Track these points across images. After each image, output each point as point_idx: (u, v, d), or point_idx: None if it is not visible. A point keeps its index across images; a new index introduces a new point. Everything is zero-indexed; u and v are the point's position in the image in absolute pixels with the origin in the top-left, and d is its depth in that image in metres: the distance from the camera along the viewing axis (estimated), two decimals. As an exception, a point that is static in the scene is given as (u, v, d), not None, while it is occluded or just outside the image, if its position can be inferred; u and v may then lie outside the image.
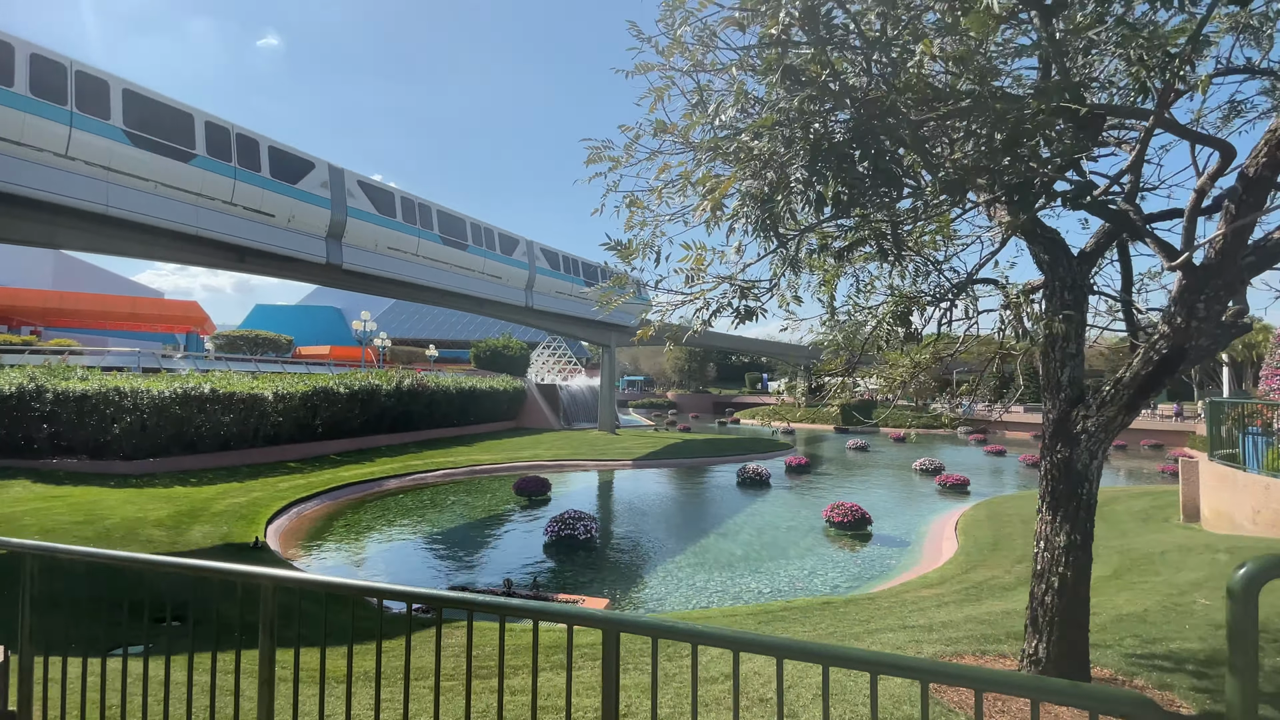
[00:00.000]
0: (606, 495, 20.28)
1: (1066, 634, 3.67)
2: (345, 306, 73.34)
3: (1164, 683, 4.16)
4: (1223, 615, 5.85)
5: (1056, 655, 3.67)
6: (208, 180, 16.54)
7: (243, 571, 2.76)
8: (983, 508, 16.19)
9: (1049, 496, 3.76)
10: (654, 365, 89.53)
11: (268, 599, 2.71)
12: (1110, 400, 3.51)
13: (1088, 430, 3.60)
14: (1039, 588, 3.75)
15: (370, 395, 24.57)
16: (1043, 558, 3.76)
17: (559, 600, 9.28)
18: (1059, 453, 3.71)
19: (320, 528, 14.22)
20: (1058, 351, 3.78)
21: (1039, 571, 3.77)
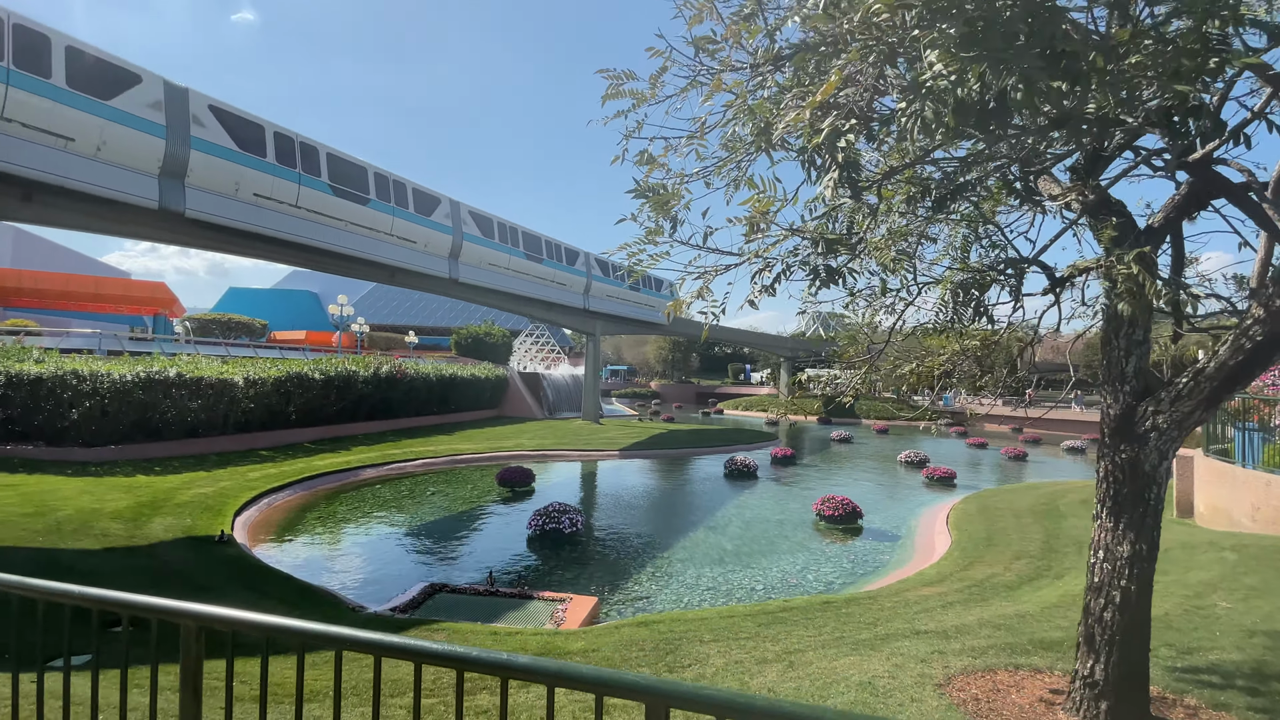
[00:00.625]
0: (592, 486, 19.83)
1: (1128, 654, 3.29)
2: (322, 290, 71.67)
3: (1218, 701, 3.82)
4: (1249, 619, 5.56)
5: (1116, 678, 3.29)
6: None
7: (161, 607, 2.20)
8: (972, 501, 16.03)
9: (1110, 501, 3.36)
10: (637, 355, 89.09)
11: (190, 643, 2.15)
12: (1188, 394, 3.12)
13: (1158, 427, 3.20)
14: (1096, 603, 3.36)
15: (347, 382, 23.77)
16: (1102, 569, 3.36)
17: (545, 597, 8.82)
18: (1123, 452, 3.31)
19: (292, 520, 13.57)
20: (1122, 338, 3.37)
21: (1096, 585, 3.38)
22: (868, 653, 5.10)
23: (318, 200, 19.62)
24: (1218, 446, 12.05)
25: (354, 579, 10.19)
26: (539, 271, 30.33)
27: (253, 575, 8.91)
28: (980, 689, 3.82)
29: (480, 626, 7.19)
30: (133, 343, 29.80)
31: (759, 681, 4.50)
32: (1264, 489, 9.45)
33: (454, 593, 8.97)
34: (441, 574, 10.58)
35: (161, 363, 18.10)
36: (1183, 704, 3.75)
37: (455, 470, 20.71)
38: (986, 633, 5.68)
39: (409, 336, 50.19)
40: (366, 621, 7.37)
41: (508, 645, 6.28)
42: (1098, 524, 3.43)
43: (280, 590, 8.33)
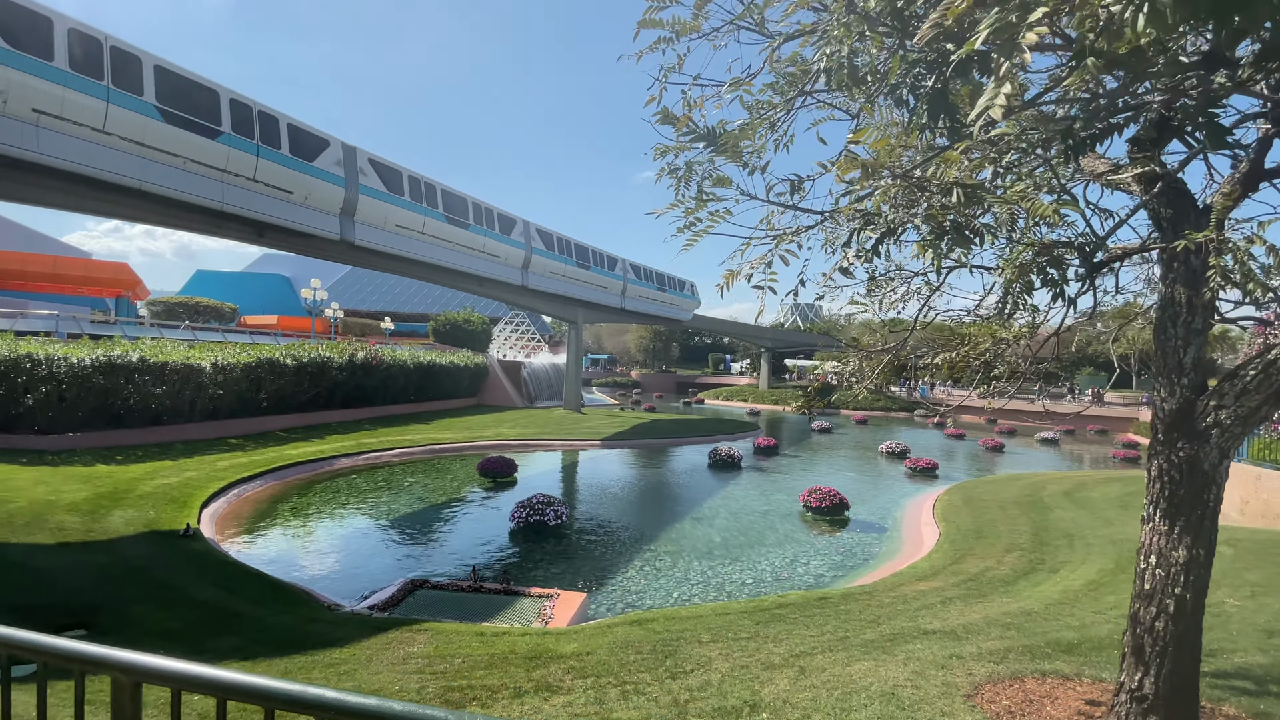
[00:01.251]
0: (576, 477, 19.47)
1: (1180, 666, 3.06)
2: (294, 274, 69.85)
3: (1258, 710, 3.63)
4: (1262, 618, 5.41)
5: (1167, 691, 3.06)
6: None
7: (86, 656, 1.77)
8: (956, 492, 16.02)
9: (1164, 503, 3.12)
10: (617, 344, 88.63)
11: (123, 703, 1.73)
12: (1256, 387, 2.87)
13: (1220, 423, 2.96)
14: (1147, 611, 3.13)
15: (320, 368, 23.01)
16: (1154, 575, 3.12)
17: (532, 593, 8.47)
18: (1180, 450, 3.06)
19: (263, 511, 13.00)
20: (1180, 326, 3.11)
21: (1147, 592, 3.14)
22: (880, 656, 4.86)
23: (173, 139, 15.61)
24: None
25: (329, 574, 9.73)
26: (464, 239, 26.02)
27: (221, 572, 8.41)
28: (1011, 700, 3.59)
29: (465, 626, 6.82)
30: (94, 326, 28.56)
31: (770, 691, 4.22)
32: (1254, 482, 9.47)
33: (435, 589, 8.58)
34: (422, 569, 10.17)
35: (123, 347, 17.24)
36: (1222, 713, 3.56)
37: (434, 460, 20.20)
38: (997, 633, 5.48)
39: (384, 323, 49.08)
40: (344, 621, 6.95)
41: (495, 646, 5.93)
42: (1149, 527, 3.19)
43: (251, 588, 7.86)
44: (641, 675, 4.88)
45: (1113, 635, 5.15)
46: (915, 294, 4.08)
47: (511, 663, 5.40)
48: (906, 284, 4.17)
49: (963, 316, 4.32)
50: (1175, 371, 3.13)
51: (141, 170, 14.97)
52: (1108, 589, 7.00)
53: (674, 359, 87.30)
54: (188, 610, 6.75)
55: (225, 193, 17.06)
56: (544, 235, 30.44)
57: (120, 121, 14.38)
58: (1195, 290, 3.10)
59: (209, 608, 6.90)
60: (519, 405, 35.62)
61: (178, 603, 6.97)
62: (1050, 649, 4.76)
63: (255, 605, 7.18)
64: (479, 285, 29.05)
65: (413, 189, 24.11)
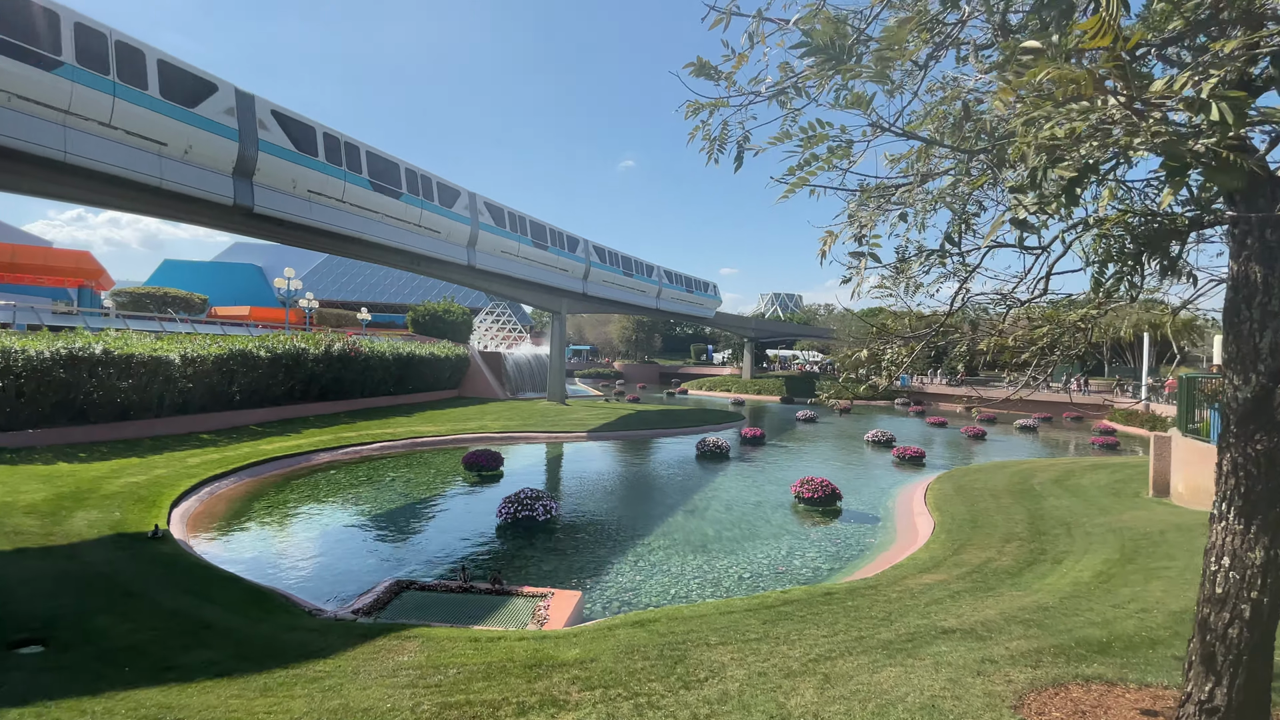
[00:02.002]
0: (563, 470, 19.10)
1: (1254, 675, 2.83)
2: (267, 264, 68.11)
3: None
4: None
5: (1240, 703, 2.83)
6: None
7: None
8: (946, 481, 15.98)
9: (1239, 500, 2.87)
10: (599, 334, 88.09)
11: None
12: (1347, 373, 2.62)
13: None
14: (1219, 617, 2.88)
15: (296, 360, 22.28)
16: (1228, 579, 2.87)
17: (525, 593, 8.13)
18: (1257, 443, 2.81)
19: (238, 510, 12.43)
20: (1255, 309, 2.85)
21: (1219, 596, 2.89)
22: (906, 661, 4.60)
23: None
24: (1193, 426, 12.16)
25: (310, 576, 9.27)
26: (396, 211, 23.17)
27: (192, 577, 7.91)
28: (1061, 711, 3.35)
29: (457, 631, 6.45)
30: (55, 317, 27.35)
31: (797, 703, 3.93)
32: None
33: (423, 590, 8.18)
34: (407, 569, 9.75)
35: (86, 338, 16.41)
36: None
37: (416, 453, 19.68)
38: (1019, 631, 5.27)
39: (361, 313, 47.99)
40: (327, 628, 6.54)
41: (492, 654, 5.57)
42: (1220, 526, 2.94)
43: (225, 594, 7.39)
44: (653, 685, 4.57)
45: (1141, 633, 4.96)
46: (954, 275, 3.78)
47: (511, 672, 5.06)
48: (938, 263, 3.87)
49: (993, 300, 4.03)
50: (1250, 358, 2.87)
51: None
52: (1119, 581, 6.85)
53: (656, 349, 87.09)
54: (156, 621, 6.28)
55: (69, 140, 13.79)
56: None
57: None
58: (1271, 268, 2.84)
59: (179, 617, 6.44)
60: (501, 397, 35.07)
61: (145, 612, 6.49)
62: (1083, 650, 4.55)
63: (230, 613, 6.73)
64: (413, 263, 26.03)
65: (329, 149, 20.32)
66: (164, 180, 15.89)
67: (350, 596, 8.26)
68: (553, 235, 33.80)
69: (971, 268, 3.85)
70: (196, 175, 16.59)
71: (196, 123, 16.22)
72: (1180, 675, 4.02)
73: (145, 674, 5.05)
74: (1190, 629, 5.10)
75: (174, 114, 15.82)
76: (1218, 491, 2.99)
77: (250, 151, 17.74)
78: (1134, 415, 38.54)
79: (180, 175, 16.15)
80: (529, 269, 32.11)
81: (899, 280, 4.04)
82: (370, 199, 22.04)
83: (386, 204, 22.62)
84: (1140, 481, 13.87)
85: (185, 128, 15.98)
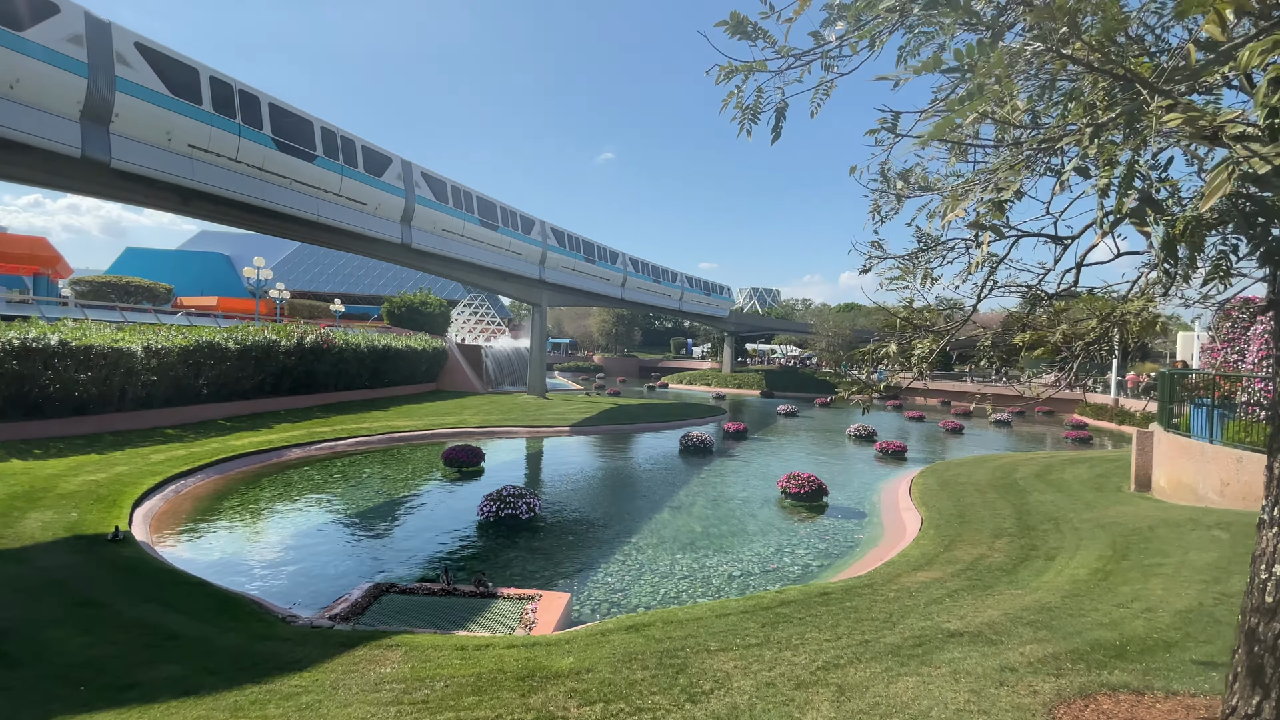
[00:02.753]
0: (546, 466, 18.75)
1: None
2: (235, 253, 66.15)
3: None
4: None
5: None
6: None
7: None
8: (930, 475, 16.01)
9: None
10: (579, 328, 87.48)
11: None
12: None
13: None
14: (1269, 628, 2.71)
15: (266, 352, 21.53)
16: (1279, 588, 2.70)
17: (511, 595, 7.82)
18: (1316, 446, 2.63)
19: (205, 509, 11.88)
20: (1315, 303, 2.67)
21: (1269, 606, 2.72)
22: (919, 668, 4.41)
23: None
24: (1174, 421, 12.28)
25: (283, 580, 8.83)
26: (305, 173, 19.53)
27: (156, 583, 7.44)
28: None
29: (442, 638, 6.12)
30: (8, 306, 26.09)
31: (813, 719, 3.70)
32: (1235, 465, 9.52)
33: (404, 593, 7.83)
34: (386, 570, 9.36)
35: (41, 329, 15.58)
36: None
37: (393, 449, 19.16)
38: (1029, 634, 5.12)
39: (334, 304, 46.86)
40: (302, 636, 6.16)
41: (481, 664, 5.26)
42: (1272, 532, 2.77)
43: (191, 601, 6.95)
44: (656, 699, 4.31)
45: (1152, 635, 4.85)
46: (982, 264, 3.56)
47: (502, 685, 4.76)
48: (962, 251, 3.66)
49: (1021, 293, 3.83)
50: (1309, 354, 2.69)
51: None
52: (1118, 579, 6.79)
53: (636, 343, 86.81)
54: (117, 632, 5.84)
55: None
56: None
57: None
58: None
59: (142, 627, 6.00)
60: (480, 391, 34.49)
61: (105, 623, 6.04)
62: (1100, 655, 4.41)
63: (198, 622, 6.31)
64: (334, 239, 22.61)
65: (219, 99, 16.93)
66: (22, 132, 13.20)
67: (327, 601, 7.87)
68: (504, 215, 30.56)
69: (1000, 258, 3.65)
70: (28, 117, 13.45)
71: (28, 50, 13.24)
72: (1203, 681, 3.90)
73: (104, 694, 4.64)
74: (1200, 630, 5.02)
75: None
76: (1268, 496, 2.82)
77: (104, 92, 14.60)
78: (1104, 409, 39.45)
79: (5, 116, 13.15)
80: (475, 250, 28.54)
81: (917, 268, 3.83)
82: (275, 160, 18.68)
83: (297, 167, 19.07)
84: (1121, 475, 14.02)
85: (12, 55, 13.03)
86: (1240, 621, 2.87)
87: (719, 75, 2.28)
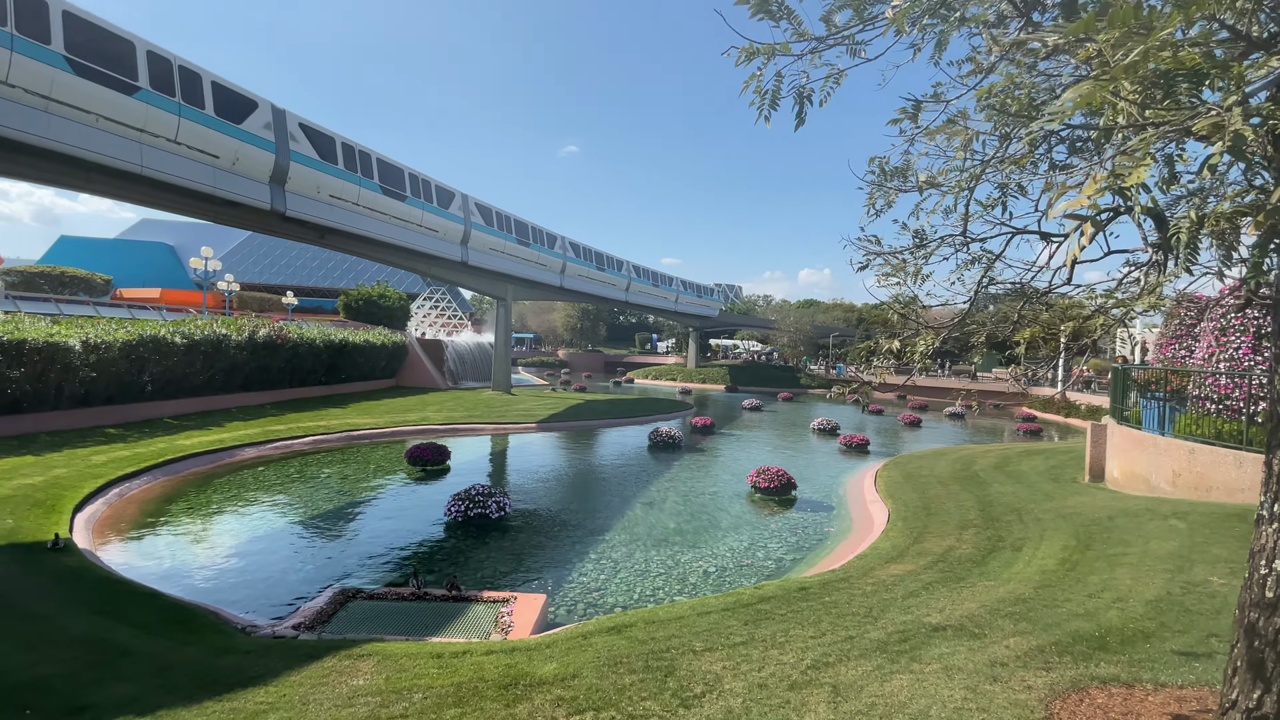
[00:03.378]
0: (515, 463, 18.42)
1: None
2: (180, 243, 63.16)
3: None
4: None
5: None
6: None
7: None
8: (894, 468, 16.33)
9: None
10: (543, 322, 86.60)
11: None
12: None
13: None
14: (1269, 624, 2.75)
15: (216, 347, 20.56)
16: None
17: (485, 598, 7.60)
18: (1315, 442, 2.68)
19: (153, 513, 11.24)
20: (1314, 301, 2.71)
21: (1269, 601, 2.76)
22: (910, 665, 4.41)
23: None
24: (1126, 414, 12.77)
25: (241, 587, 8.40)
26: (129, 113, 15.47)
27: (103, 593, 6.96)
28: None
29: (415, 646, 5.88)
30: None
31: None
32: (1187, 456, 9.95)
33: (372, 599, 7.53)
34: (352, 575, 9.00)
35: (-36, 322, 14.50)
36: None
37: (352, 448, 18.54)
38: (1009, 626, 5.20)
39: (287, 297, 45.11)
40: (265, 648, 5.83)
41: (460, 672, 5.06)
42: (1272, 528, 2.81)
43: (143, 612, 6.51)
44: (647, 705, 4.20)
45: (1128, 625, 4.97)
46: (979, 261, 3.55)
47: (484, 695, 4.58)
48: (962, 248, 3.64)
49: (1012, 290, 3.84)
50: (1307, 351, 2.73)
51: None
52: (1085, 569, 6.98)
53: (601, 338, 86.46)
54: (63, 648, 5.41)
55: None
56: (317, 138, 18.80)
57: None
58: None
59: (91, 643, 5.58)
60: (442, 387, 33.76)
61: (49, 639, 5.60)
62: (1083, 646, 4.48)
63: (151, 636, 5.90)
64: (180, 199, 18.30)
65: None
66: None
67: (289, 610, 7.51)
68: (414, 183, 26.38)
69: (995, 254, 3.64)
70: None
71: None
72: (1187, 672, 3.99)
73: (52, 717, 4.28)
74: (1173, 619, 5.17)
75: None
76: (1266, 492, 2.87)
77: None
78: (1051, 403, 41.14)
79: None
80: (374, 224, 24.35)
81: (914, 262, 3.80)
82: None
83: (103, 100, 14.89)
84: (1076, 467, 14.55)
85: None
86: (1238, 616, 2.92)
87: (739, 57, 2.16)
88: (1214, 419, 9.99)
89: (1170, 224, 2.56)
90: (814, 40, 2.16)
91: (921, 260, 3.80)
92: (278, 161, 19.76)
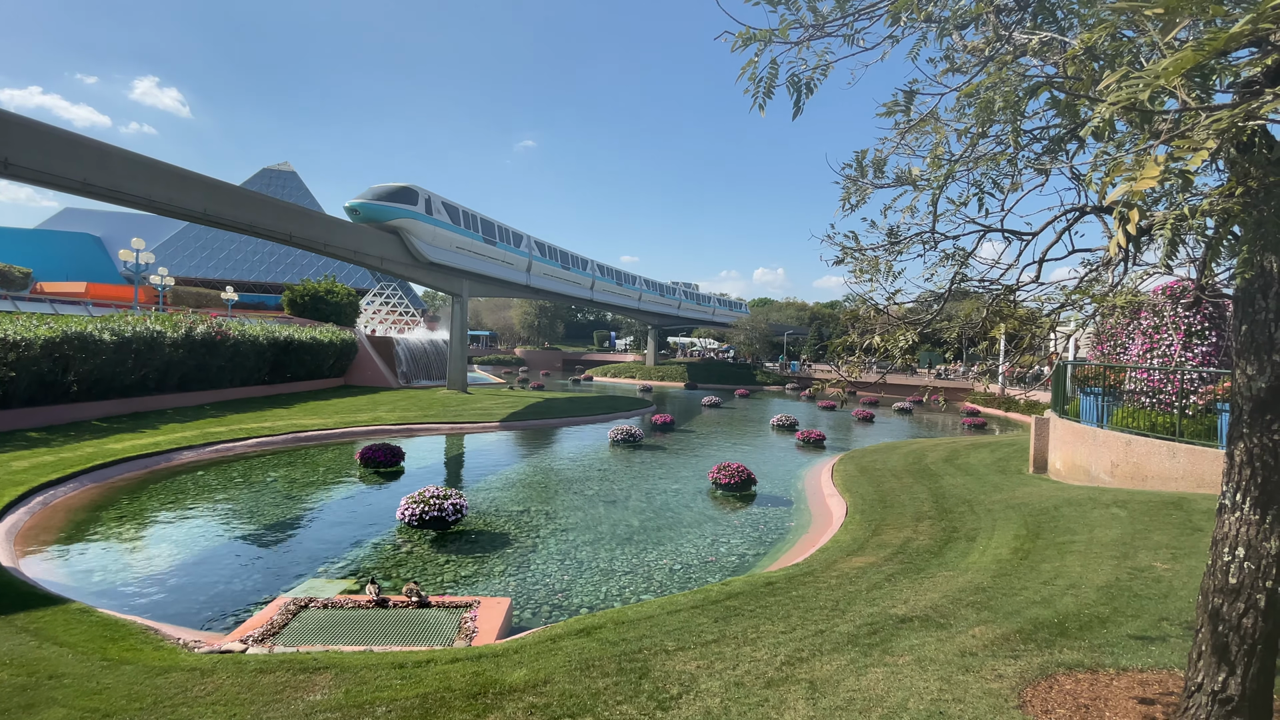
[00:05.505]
0: (473, 464, 18.02)
1: (1267, 664, 2.84)
2: (108, 234, 59.50)
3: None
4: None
5: (1253, 692, 2.84)
6: None
7: None
8: (849, 462, 16.70)
9: (1255, 490, 2.86)
10: (499, 319, 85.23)
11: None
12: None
13: (1321, 403, 2.71)
14: (1233, 608, 2.86)
15: (150, 345, 19.40)
16: (1242, 569, 2.86)
17: (447, 604, 7.36)
18: (1273, 433, 2.80)
19: (81, 522, 10.50)
20: (1271, 298, 2.83)
21: (1233, 587, 2.87)
22: (882, 657, 4.46)
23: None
24: (1066, 408, 13.39)
25: (182, 600, 7.90)
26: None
27: (28, 610, 6.42)
28: (1064, 708, 3.29)
29: (376, 656, 5.63)
30: None
31: (791, 719, 3.63)
32: (1124, 448, 10.48)
33: (326, 608, 7.19)
34: (303, 584, 8.60)
35: None
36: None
37: (300, 449, 17.80)
38: (973, 616, 5.33)
39: (226, 292, 43.05)
40: (210, 666, 5.47)
41: (425, 682, 4.86)
42: (1235, 516, 2.93)
43: (73, 630, 6.04)
44: (624, 709, 4.11)
45: (1083, 611, 5.17)
46: (952, 258, 3.59)
47: (453, 706, 4.40)
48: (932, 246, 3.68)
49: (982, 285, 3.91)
50: (1265, 348, 2.86)
51: None
52: (1037, 557, 7.25)
53: (559, 336, 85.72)
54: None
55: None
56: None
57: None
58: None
59: (16, 665, 5.13)
60: (394, 385, 32.80)
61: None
62: (1045, 634, 4.63)
63: (82, 655, 5.47)
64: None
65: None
66: None
67: (237, 622, 7.10)
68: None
69: (968, 252, 3.69)
70: (513, 274, 38.48)
71: (520, 253, 39.27)
72: (1146, 656, 4.16)
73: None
74: (1125, 605, 5.39)
75: None
76: (1228, 482, 2.98)
77: (529, 259, 39.59)
78: (993, 398, 42.93)
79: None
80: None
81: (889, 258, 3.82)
82: (560, 273, 41.19)
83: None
84: (1020, 459, 15.18)
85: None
86: (1201, 601, 3.03)
87: (734, 43, 2.09)
88: (1148, 412, 10.56)
89: (1152, 221, 2.62)
90: (811, 28, 2.12)
91: (893, 258, 3.83)
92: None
